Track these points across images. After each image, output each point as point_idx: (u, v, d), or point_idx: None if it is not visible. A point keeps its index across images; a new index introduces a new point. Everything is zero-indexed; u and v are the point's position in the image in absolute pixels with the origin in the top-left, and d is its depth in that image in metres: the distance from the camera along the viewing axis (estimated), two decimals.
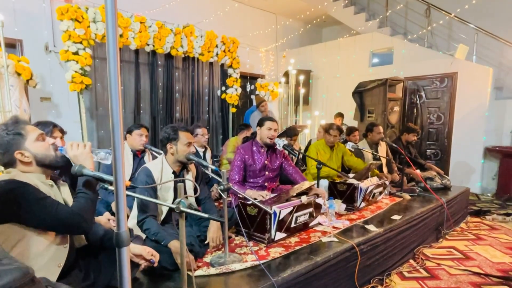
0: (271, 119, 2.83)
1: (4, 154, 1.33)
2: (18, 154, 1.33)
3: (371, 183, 3.24)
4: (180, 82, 5.45)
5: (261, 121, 2.85)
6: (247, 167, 2.85)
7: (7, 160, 1.34)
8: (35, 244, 1.27)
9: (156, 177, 2.09)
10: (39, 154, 1.37)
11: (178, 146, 2.12)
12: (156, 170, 2.12)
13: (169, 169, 2.15)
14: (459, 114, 5.42)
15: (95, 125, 4.63)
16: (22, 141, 1.34)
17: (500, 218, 4.11)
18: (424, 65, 5.70)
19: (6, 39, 3.35)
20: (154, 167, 2.14)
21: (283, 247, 2.20)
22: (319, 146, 3.65)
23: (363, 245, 2.35)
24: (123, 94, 4.87)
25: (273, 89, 6.60)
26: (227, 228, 1.99)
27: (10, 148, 1.33)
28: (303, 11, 7.48)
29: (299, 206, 2.40)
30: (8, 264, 0.69)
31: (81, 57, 4.00)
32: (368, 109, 5.81)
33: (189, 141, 2.14)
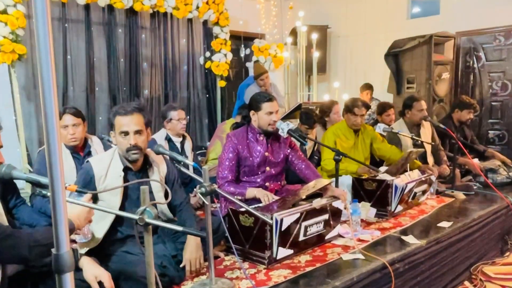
0: (269, 98, 2.78)
1: None
2: None
3: (410, 179, 3.23)
4: (148, 48, 5.41)
5: (256, 103, 2.79)
6: (241, 162, 2.83)
7: None
8: None
9: (99, 175, 2.09)
10: None
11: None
12: (100, 166, 2.11)
13: (119, 165, 2.14)
14: None
15: (33, 109, 4.60)
16: None
17: None
18: (482, 15, 5.62)
19: None
20: (98, 162, 2.13)
21: (290, 269, 2.21)
22: (338, 130, 3.64)
23: (399, 263, 2.36)
24: (70, 65, 4.84)
25: (276, 54, 6.53)
26: (211, 245, 1.98)
27: None
28: None
29: (308, 212, 2.39)
30: None
31: (11, 17, 3.97)
32: (407, 78, 5.78)
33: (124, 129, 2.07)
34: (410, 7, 6.46)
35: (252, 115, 2.82)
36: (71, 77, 4.83)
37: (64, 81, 4.80)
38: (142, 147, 2.10)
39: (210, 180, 1.96)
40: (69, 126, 2.73)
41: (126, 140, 2.06)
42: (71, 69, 4.83)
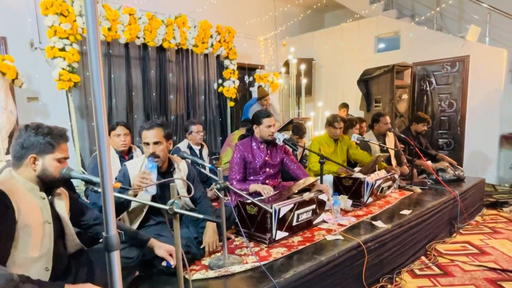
0: (268, 115, 2.81)
1: (22, 150, 1.41)
2: (32, 158, 1.41)
3: (378, 177, 3.24)
4: (174, 76, 5.44)
5: (258, 118, 2.80)
6: (247, 165, 2.85)
7: (19, 156, 1.42)
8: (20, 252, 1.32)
9: (133, 174, 2.10)
10: (46, 171, 1.44)
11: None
12: (134, 168, 2.13)
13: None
14: (473, 100, 5.39)
15: (86, 125, 4.63)
16: (45, 151, 1.43)
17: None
18: (433, 49, 5.66)
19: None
20: (132, 165, 2.15)
21: (285, 247, 2.21)
22: (322, 140, 3.64)
23: (370, 242, 2.36)
24: (114, 91, 4.86)
25: (273, 80, 6.58)
26: (225, 229, 1.99)
27: (31, 149, 1.41)
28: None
29: (300, 203, 2.41)
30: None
31: (68, 53, 4.01)
32: (375, 98, 5.80)
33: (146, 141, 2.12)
34: (377, 44, 6.50)
35: (255, 128, 2.84)
36: (115, 100, 4.86)
37: (109, 103, 4.82)
38: (160, 155, 2.09)
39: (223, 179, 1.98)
40: (121, 135, 2.81)
41: (148, 149, 2.09)
42: (115, 94, 4.86)
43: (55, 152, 1.44)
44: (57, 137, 1.45)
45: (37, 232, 1.37)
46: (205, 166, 2.28)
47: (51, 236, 1.44)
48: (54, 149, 1.44)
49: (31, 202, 1.39)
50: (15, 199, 1.32)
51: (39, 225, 1.39)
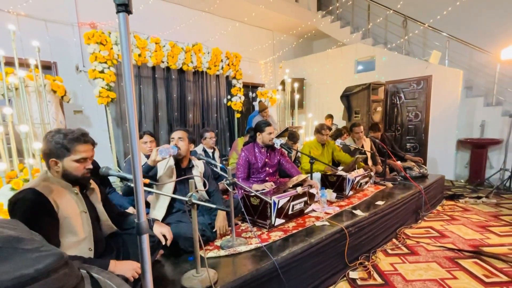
0: (269, 124, 2.85)
1: (45, 155, 1.37)
2: (52, 162, 1.37)
3: (357, 174, 3.24)
4: (192, 93, 5.48)
5: (261, 127, 2.83)
6: (251, 165, 2.87)
7: (46, 160, 1.38)
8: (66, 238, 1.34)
9: (159, 167, 2.13)
10: (67, 171, 1.38)
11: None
12: (160, 165, 2.14)
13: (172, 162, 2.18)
14: (434, 112, 5.39)
15: (121, 133, 4.66)
16: (63, 154, 1.36)
17: (471, 201, 4.08)
18: (402, 70, 5.67)
19: (42, 62, 3.43)
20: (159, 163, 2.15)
21: (282, 231, 2.22)
22: (311, 144, 3.64)
23: (351, 227, 2.37)
24: (143, 105, 4.89)
25: (271, 96, 6.61)
26: (233, 216, 2.01)
27: (50, 154, 1.36)
28: (295, 27, 7.47)
29: (295, 196, 2.42)
30: (46, 251, 0.73)
31: (106, 75, 4.06)
32: (355, 110, 5.80)
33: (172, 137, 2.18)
34: (356, 66, 6.52)
35: (258, 135, 2.86)
36: (144, 112, 4.90)
37: (140, 115, 4.86)
38: (182, 150, 2.11)
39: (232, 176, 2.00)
40: (147, 142, 2.82)
41: (172, 142, 2.14)
42: (144, 108, 4.89)
43: (71, 154, 1.36)
44: (71, 141, 1.35)
45: (77, 221, 1.37)
46: (217, 165, 2.30)
47: (89, 222, 1.43)
48: (70, 152, 1.35)
49: (66, 197, 1.37)
50: (52, 196, 1.30)
51: (77, 215, 1.38)
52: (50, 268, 0.67)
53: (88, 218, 1.44)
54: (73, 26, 4.54)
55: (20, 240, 0.71)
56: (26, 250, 0.69)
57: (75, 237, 1.35)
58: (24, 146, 2.68)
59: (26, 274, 0.63)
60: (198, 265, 1.58)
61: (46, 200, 1.27)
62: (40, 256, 0.68)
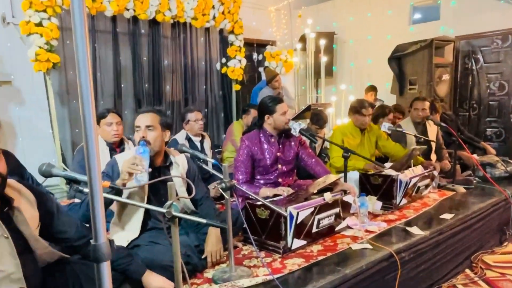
0: (280, 100, 2.82)
1: None
2: None
3: (414, 174, 3.21)
4: (170, 55, 5.43)
5: (270, 107, 2.78)
6: (256, 163, 2.83)
7: None
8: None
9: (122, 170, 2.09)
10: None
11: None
12: (122, 160, 2.10)
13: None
14: None
15: (67, 113, 4.66)
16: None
17: None
18: (481, 19, 5.54)
19: None
20: (121, 158, 2.14)
21: (303, 258, 2.21)
22: (346, 130, 3.61)
23: (404, 252, 2.35)
24: (99, 72, 4.87)
25: (286, 59, 6.53)
26: (231, 236, 2.00)
27: None
28: None
29: (321, 206, 2.39)
30: None
31: (46, 29, 4.03)
32: (409, 80, 5.74)
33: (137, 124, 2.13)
34: (412, 14, 6.39)
35: (267, 119, 2.80)
36: (100, 83, 4.87)
37: (94, 87, 4.83)
38: (152, 142, 2.09)
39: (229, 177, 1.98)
40: (113, 123, 2.82)
41: (138, 134, 2.10)
42: (100, 76, 4.87)
43: None
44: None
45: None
46: (208, 161, 2.28)
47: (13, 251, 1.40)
48: None
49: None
50: None
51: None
52: None
53: (10, 245, 1.41)
54: None
55: None
56: None
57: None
58: None
59: None
60: None
61: None
62: None
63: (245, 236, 2.48)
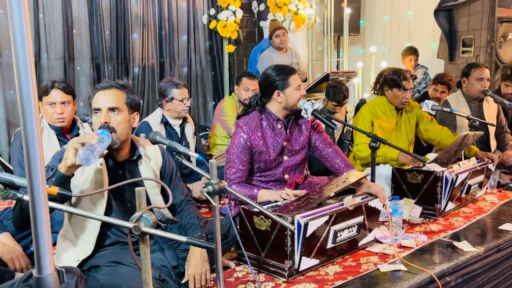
0: (294, 70, 2.83)
1: None
2: None
3: (464, 169, 3.22)
4: (139, 5, 5.43)
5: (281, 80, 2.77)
6: (256, 156, 2.83)
7: None
8: None
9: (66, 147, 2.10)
10: None
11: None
12: None
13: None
14: None
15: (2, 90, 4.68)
16: None
17: None
18: None
19: None
20: None
21: (315, 282, 2.24)
22: (377, 108, 3.63)
23: (450, 276, 2.37)
24: (43, 27, 4.87)
25: (297, 10, 6.50)
26: (220, 253, 2.01)
27: None
28: None
29: (339, 213, 2.40)
30: None
31: None
32: (463, 39, 5.75)
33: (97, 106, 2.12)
34: None
35: (277, 96, 2.78)
36: (44, 41, 4.88)
37: (36, 46, 4.83)
38: (117, 129, 2.09)
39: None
40: (57, 103, 2.80)
41: (98, 118, 2.08)
42: (44, 32, 4.88)
43: None
44: None
45: None
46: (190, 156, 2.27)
47: None
48: None
49: None
50: None
51: None
52: None
53: None
54: None
55: None
56: None
57: None
58: None
59: None
60: None
61: None
62: None
63: (238, 253, 2.51)
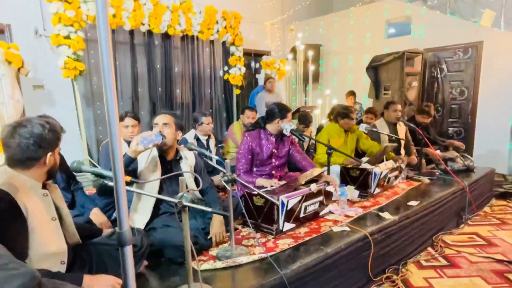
0: (290, 109, 2.88)
1: (40, 149, 1.37)
2: (51, 157, 1.41)
3: (386, 167, 3.25)
4: (179, 63, 5.42)
5: (282, 113, 2.82)
6: (255, 156, 2.89)
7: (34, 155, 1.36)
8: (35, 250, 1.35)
9: (140, 165, 2.13)
10: (55, 165, 1.46)
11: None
12: (140, 157, 2.12)
13: (155, 153, 2.18)
14: (485, 88, 5.33)
15: (92, 114, 4.67)
16: (55, 146, 1.44)
17: None
18: (445, 35, 5.56)
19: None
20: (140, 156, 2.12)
21: (292, 238, 2.25)
22: (332, 130, 3.62)
23: (377, 234, 2.39)
24: (119, 79, 4.86)
25: (279, 67, 6.53)
26: (232, 221, 2.04)
27: (50, 147, 1.40)
28: None
29: (308, 195, 2.44)
30: (15, 269, 0.75)
31: (73, 41, 4.02)
32: (384, 86, 5.74)
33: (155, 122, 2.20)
34: (387, 29, 6.40)
35: (279, 122, 2.83)
36: (119, 88, 4.87)
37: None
38: (167, 138, 2.13)
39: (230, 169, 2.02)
40: (129, 126, 2.84)
41: (156, 129, 2.15)
42: (120, 82, 4.87)
43: (59, 145, 1.47)
44: (59, 130, 1.47)
45: (47, 230, 1.38)
46: (212, 158, 2.32)
47: (60, 231, 1.45)
48: (59, 142, 1.47)
49: (34, 200, 1.37)
50: (20, 199, 1.30)
51: (47, 222, 1.39)
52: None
53: (58, 226, 1.45)
54: None
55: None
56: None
57: (45, 249, 1.36)
58: None
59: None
60: (190, 280, 1.62)
61: (13, 202, 1.28)
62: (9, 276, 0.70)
63: (244, 220, 2.51)
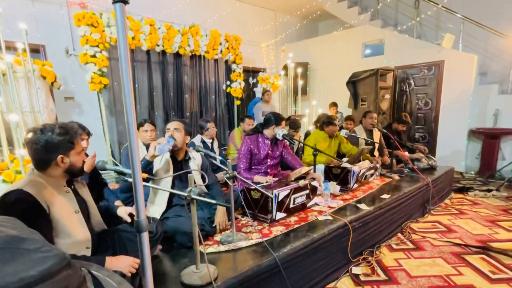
0: (284, 119, 2.91)
1: (47, 153, 1.34)
2: (60, 158, 1.36)
3: (363, 166, 3.28)
4: (189, 79, 5.44)
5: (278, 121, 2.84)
6: (253, 156, 2.90)
7: (44, 158, 1.35)
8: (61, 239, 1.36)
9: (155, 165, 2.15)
10: (73, 166, 1.42)
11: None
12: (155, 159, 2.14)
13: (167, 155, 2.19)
14: (445, 100, 5.38)
15: (114, 121, 4.68)
16: (69, 149, 1.39)
17: (481, 194, 4.14)
18: (413, 55, 5.62)
19: (30, 45, 3.39)
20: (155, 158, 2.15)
21: (284, 226, 2.26)
22: (318, 136, 3.64)
23: (355, 222, 2.41)
24: (137, 91, 4.88)
25: (273, 82, 6.56)
26: (233, 211, 2.05)
27: (57, 150, 1.35)
28: (300, 7, 7.36)
29: (296, 188, 2.45)
30: (48, 251, 0.76)
31: (98, 60, 4.04)
32: (361, 98, 5.78)
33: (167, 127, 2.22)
34: (364, 50, 6.46)
35: (273, 128, 2.85)
36: (138, 99, 4.89)
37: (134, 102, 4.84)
38: (178, 141, 2.14)
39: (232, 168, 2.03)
40: (148, 131, 2.86)
41: (167, 133, 2.17)
42: (138, 94, 4.89)
43: (75, 147, 1.41)
44: (74, 134, 1.42)
45: (71, 222, 1.39)
46: (216, 158, 2.33)
47: (83, 221, 1.45)
48: (74, 145, 1.41)
49: (58, 197, 1.36)
50: (42, 198, 1.29)
51: (70, 215, 1.39)
52: (53, 270, 0.70)
53: (81, 217, 1.46)
54: (61, 6, 4.48)
55: (22, 240, 0.74)
56: (28, 250, 0.72)
57: (70, 238, 1.37)
58: (14, 136, 2.70)
59: (31, 275, 0.67)
60: (197, 261, 1.63)
61: (34, 200, 1.27)
62: (43, 257, 0.72)
63: (243, 210, 2.53)
